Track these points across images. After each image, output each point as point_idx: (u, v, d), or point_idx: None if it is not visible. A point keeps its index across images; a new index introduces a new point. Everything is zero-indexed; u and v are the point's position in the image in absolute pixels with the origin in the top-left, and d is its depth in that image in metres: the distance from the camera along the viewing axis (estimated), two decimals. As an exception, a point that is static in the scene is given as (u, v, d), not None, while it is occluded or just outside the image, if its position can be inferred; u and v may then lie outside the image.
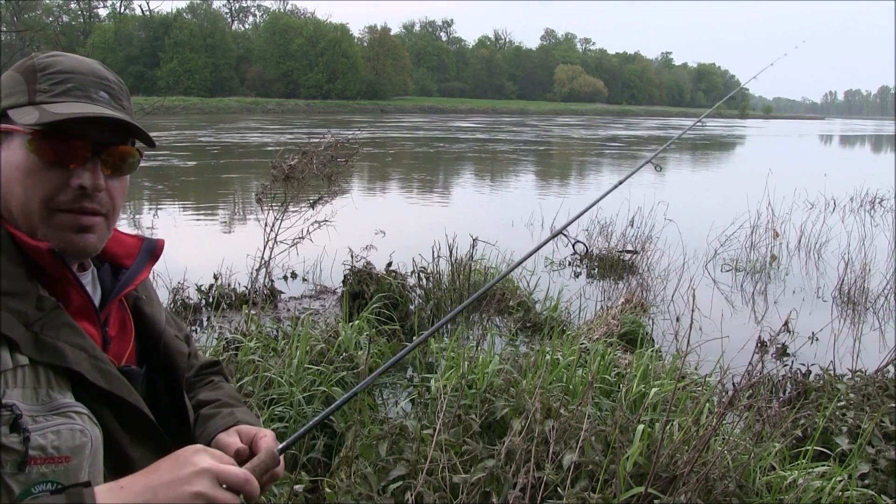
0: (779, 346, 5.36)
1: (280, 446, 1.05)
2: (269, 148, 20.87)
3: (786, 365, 4.99)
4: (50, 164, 0.94)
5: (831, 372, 4.26)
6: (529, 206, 11.45)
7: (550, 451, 2.66)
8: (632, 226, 8.52)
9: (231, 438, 1.08)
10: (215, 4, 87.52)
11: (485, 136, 35.47)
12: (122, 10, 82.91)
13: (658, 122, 69.91)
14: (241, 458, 1.02)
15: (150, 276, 1.24)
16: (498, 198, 14.77)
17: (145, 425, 0.98)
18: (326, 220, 5.68)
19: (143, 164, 1.06)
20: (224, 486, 0.86)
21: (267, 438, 1.07)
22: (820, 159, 29.55)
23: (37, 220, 0.94)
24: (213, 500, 0.84)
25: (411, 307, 5.72)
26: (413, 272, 6.10)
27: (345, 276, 6.12)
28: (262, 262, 5.85)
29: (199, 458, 0.86)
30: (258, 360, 3.67)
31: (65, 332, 0.90)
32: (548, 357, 3.87)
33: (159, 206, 11.97)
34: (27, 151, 0.93)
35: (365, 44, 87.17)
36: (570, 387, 3.69)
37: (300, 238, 5.68)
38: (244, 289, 6.00)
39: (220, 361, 1.34)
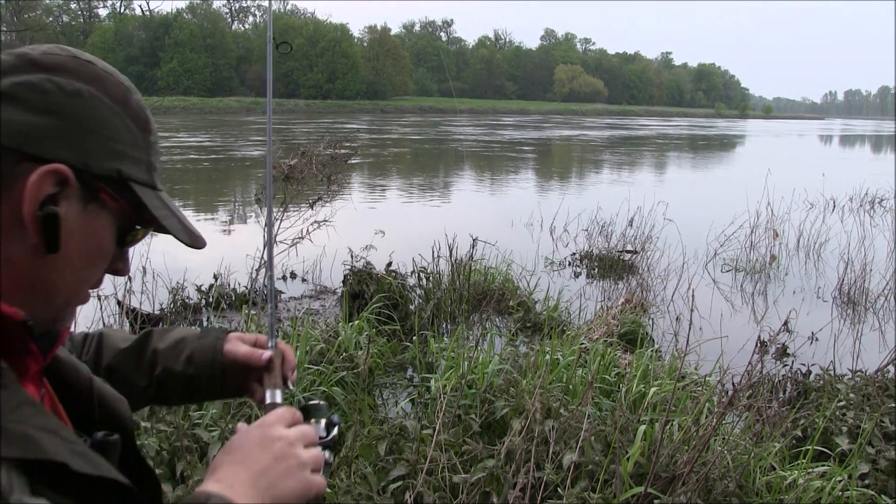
0: (779, 346, 5.35)
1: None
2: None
3: (786, 365, 4.99)
4: (125, 247, 0.79)
5: (831, 372, 4.26)
6: (529, 205, 11.46)
7: (550, 451, 2.66)
8: (631, 226, 8.52)
9: (243, 347, 1.03)
10: (215, 4, 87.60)
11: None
12: (122, 10, 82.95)
13: (643, 122, 69.87)
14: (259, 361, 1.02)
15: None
16: (498, 198, 14.78)
17: (130, 500, 0.75)
18: (326, 221, 5.69)
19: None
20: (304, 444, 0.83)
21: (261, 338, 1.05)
22: (819, 159, 29.55)
23: (60, 300, 0.74)
24: (314, 462, 0.82)
25: (411, 307, 5.72)
26: (413, 272, 6.09)
27: (345, 276, 6.12)
28: (262, 262, 5.85)
29: (276, 431, 0.81)
30: (258, 360, 3.66)
31: (28, 412, 0.66)
32: (548, 357, 3.87)
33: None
34: (114, 233, 0.75)
35: (365, 44, 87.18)
36: (570, 387, 3.69)
37: (300, 238, 5.69)
38: (244, 289, 6.00)
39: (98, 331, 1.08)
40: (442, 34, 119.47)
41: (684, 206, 11.60)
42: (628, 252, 8.22)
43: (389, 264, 6.05)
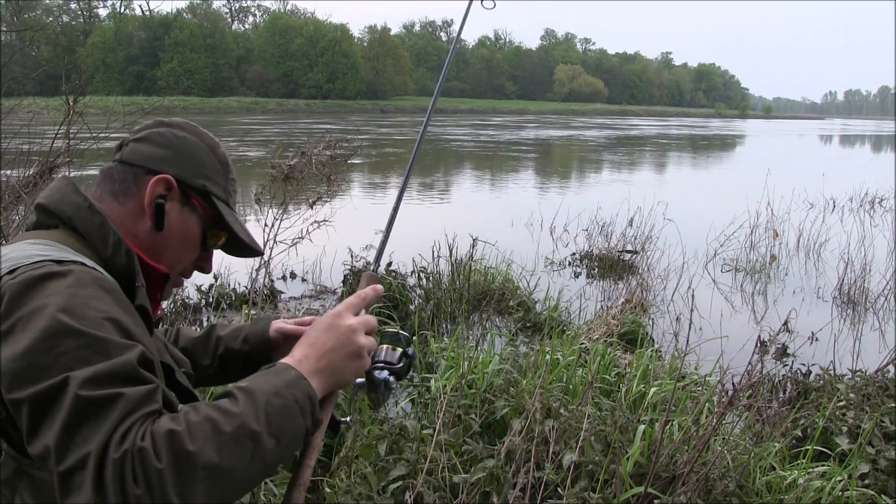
0: (779, 346, 5.35)
1: None
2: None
3: (786, 365, 4.99)
4: (208, 249, 1.17)
5: (831, 372, 4.26)
6: (529, 205, 11.46)
7: (550, 451, 2.66)
8: (631, 226, 8.51)
9: (291, 323, 1.35)
10: (215, 4, 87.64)
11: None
12: (122, 10, 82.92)
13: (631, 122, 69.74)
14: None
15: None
16: (497, 197, 14.77)
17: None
18: (326, 220, 5.68)
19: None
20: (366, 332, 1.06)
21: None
22: (819, 159, 29.53)
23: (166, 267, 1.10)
24: (370, 346, 1.06)
25: (411, 307, 5.72)
26: (413, 272, 6.09)
27: (345, 275, 6.12)
28: (262, 261, 5.85)
29: (343, 320, 1.03)
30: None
31: (159, 344, 1.08)
32: (548, 357, 3.87)
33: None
34: (201, 231, 1.13)
35: (365, 44, 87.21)
36: (570, 387, 3.69)
37: (300, 238, 5.68)
38: (244, 289, 6.00)
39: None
40: (442, 34, 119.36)
41: (684, 206, 11.60)
42: (628, 252, 8.21)
43: (389, 264, 6.05)
